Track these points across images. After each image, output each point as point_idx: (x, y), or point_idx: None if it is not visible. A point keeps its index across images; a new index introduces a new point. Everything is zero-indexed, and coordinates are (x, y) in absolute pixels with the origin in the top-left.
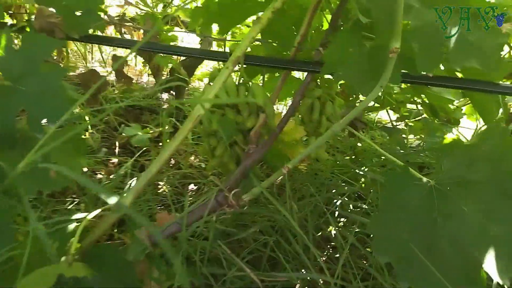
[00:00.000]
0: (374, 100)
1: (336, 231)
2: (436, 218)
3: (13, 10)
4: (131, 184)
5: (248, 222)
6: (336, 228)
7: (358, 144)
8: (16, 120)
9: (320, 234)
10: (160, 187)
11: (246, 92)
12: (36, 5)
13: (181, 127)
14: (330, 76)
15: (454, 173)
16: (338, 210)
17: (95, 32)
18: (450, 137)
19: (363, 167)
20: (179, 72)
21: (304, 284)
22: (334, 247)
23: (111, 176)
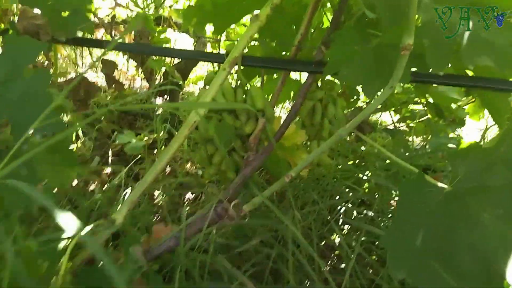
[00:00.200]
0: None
1: (340, 239)
2: (454, 226)
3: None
4: (125, 194)
5: (249, 233)
6: (340, 236)
7: (361, 148)
8: None
9: (324, 242)
10: (156, 196)
11: (244, 96)
12: (20, 5)
13: (176, 133)
14: (332, 76)
15: (470, 178)
16: (342, 217)
17: (84, 35)
18: (467, 141)
19: (367, 172)
20: (173, 76)
21: None
22: (338, 255)
23: (104, 186)
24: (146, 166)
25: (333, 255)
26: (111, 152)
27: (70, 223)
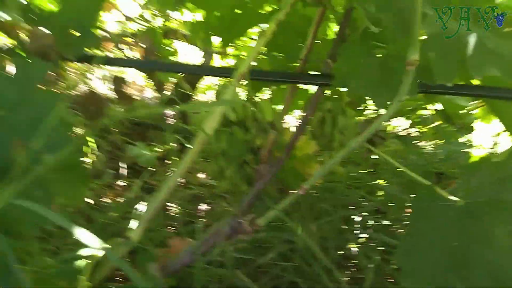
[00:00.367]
0: (385, 109)
1: (357, 250)
2: (467, 241)
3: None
4: (138, 208)
5: (265, 246)
6: (357, 246)
7: (373, 156)
8: (12, 151)
9: (341, 253)
10: (170, 208)
11: (254, 109)
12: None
13: (188, 146)
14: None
15: (484, 192)
16: (357, 227)
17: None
18: (477, 154)
19: (380, 179)
20: (183, 86)
21: None
22: (356, 265)
23: (118, 199)
24: (159, 178)
25: (349, 265)
26: (124, 164)
27: (90, 240)
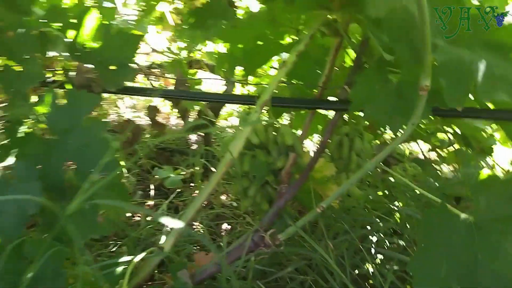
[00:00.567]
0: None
1: (374, 269)
2: (477, 255)
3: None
4: (167, 225)
5: (284, 261)
6: (373, 266)
7: (391, 179)
8: (63, 171)
9: (357, 272)
10: (195, 227)
11: (275, 133)
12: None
13: (212, 168)
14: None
15: (492, 209)
16: (374, 247)
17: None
18: (485, 172)
19: (397, 201)
20: (206, 113)
21: None
22: (372, 285)
23: (148, 218)
24: (184, 199)
25: (367, 284)
26: (152, 186)
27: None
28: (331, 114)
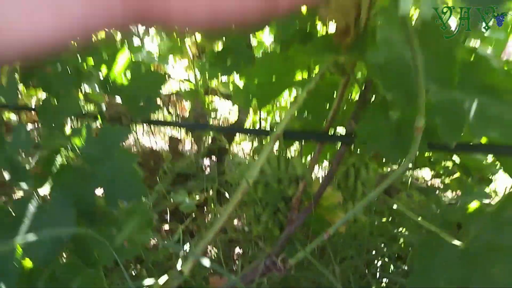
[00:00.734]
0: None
1: None
2: (468, 279)
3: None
4: (184, 249)
5: (294, 284)
6: None
7: (394, 206)
8: (94, 198)
9: None
10: (209, 249)
11: (286, 163)
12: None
13: (226, 193)
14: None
15: (482, 237)
16: (379, 271)
17: None
18: (475, 203)
19: (401, 228)
20: (220, 139)
21: None
22: None
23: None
24: (200, 223)
25: None
26: (168, 210)
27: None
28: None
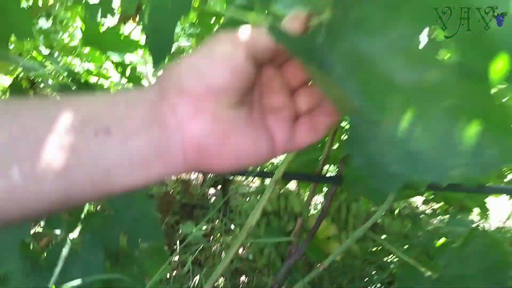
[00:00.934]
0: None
1: None
2: None
3: None
4: (194, 281)
5: None
6: None
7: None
8: (118, 240)
9: None
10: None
11: (285, 201)
12: None
13: (231, 223)
14: None
15: (451, 268)
16: None
17: None
18: (440, 240)
19: (391, 255)
20: None
21: None
22: None
23: (174, 272)
24: (207, 254)
25: None
26: (177, 241)
27: None
28: None
